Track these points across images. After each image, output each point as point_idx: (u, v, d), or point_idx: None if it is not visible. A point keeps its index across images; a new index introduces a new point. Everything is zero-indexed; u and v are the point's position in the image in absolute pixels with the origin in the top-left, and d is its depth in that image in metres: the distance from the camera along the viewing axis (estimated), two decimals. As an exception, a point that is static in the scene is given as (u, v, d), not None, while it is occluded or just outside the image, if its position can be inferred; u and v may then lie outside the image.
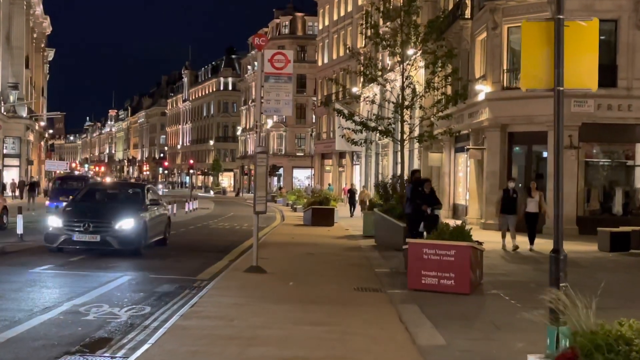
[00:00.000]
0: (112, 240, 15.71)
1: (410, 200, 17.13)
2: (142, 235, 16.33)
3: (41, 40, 77.66)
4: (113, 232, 15.79)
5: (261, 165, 13.34)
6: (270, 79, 13.35)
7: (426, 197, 17.03)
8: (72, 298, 10.42)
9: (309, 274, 13.76)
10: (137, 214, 16.45)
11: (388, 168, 45.92)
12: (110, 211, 16.63)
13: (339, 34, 66.57)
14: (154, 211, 17.90)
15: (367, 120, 22.83)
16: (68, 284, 12.05)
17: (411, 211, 17.09)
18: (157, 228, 18.00)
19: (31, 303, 10.10)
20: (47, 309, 9.63)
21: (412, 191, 17.19)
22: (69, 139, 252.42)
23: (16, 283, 11.94)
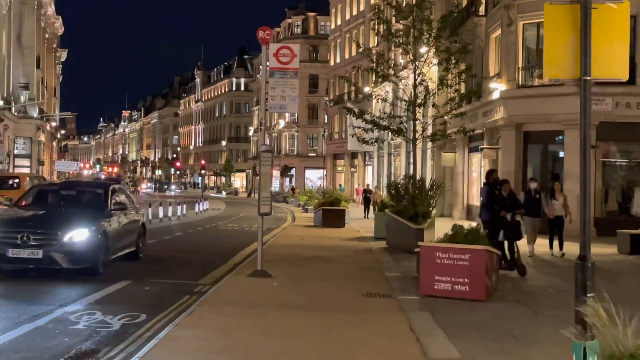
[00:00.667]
0: (59, 256, 12.16)
1: (487, 206, 15.15)
2: (101, 250, 12.80)
3: (53, 41, 77.49)
4: (60, 247, 12.22)
5: (266, 165, 12.73)
6: (276, 74, 12.76)
7: (505, 201, 14.86)
8: (64, 304, 9.86)
9: (315, 278, 13.15)
10: (94, 223, 12.98)
11: (400, 168, 45.27)
12: (59, 219, 13.01)
13: (351, 33, 65.94)
14: (121, 218, 14.49)
15: (378, 119, 22.18)
16: (59, 290, 11.47)
17: (488, 218, 15.03)
18: (125, 238, 14.57)
19: (20, 309, 9.55)
20: (37, 316, 9.07)
21: (489, 195, 15.16)
22: (82, 140, 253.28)
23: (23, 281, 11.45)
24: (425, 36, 21.16)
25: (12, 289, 11.43)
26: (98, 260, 12.67)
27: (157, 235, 23.59)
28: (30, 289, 11.41)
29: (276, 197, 70.49)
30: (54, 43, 78.42)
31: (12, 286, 11.81)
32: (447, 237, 12.20)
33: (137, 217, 15.87)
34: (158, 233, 25.08)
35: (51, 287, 11.74)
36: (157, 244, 20.46)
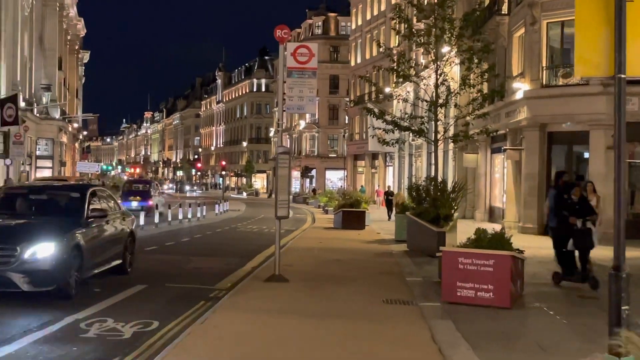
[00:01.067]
0: (17, 277, 10.10)
1: (555, 212, 13.90)
2: (72, 267, 10.66)
3: (75, 42, 77.86)
4: (19, 265, 10.14)
5: (283, 167, 12.42)
6: (294, 74, 12.44)
7: (575, 206, 13.47)
8: (75, 311, 9.59)
9: (334, 283, 12.79)
10: (64, 234, 10.76)
11: (422, 169, 44.80)
12: (19, 231, 10.85)
13: (372, 33, 65.52)
14: (101, 227, 12.26)
15: (399, 119, 21.79)
16: (76, 294, 11.22)
17: (556, 225, 13.81)
18: (107, 251, 12.50)
19: (30, 316, 9.31)
20: (47, 323, 8.82)
21: (557, 199, 13.91)
22: (105, 141, 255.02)
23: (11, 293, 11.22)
24: (447, 35, 20.73)
25: (24, 294, 11.22)
26: (67, 280, 10.45)
27: (176, 238, 23.44)
28: (41, 294, 11.19)
29: (296, 198, 70.40)
30: (76, 45, 78.79)
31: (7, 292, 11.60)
32: (470, 241, 11.81)
33: (123, 225, 13.52)
34: (176, 235, 24.92)
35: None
36: (175, 247, 20.29)
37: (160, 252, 18.49)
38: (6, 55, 45.16)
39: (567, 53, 26.30)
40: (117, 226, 13.14)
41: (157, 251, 18.65)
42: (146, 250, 18.46)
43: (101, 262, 12.25)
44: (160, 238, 23.17)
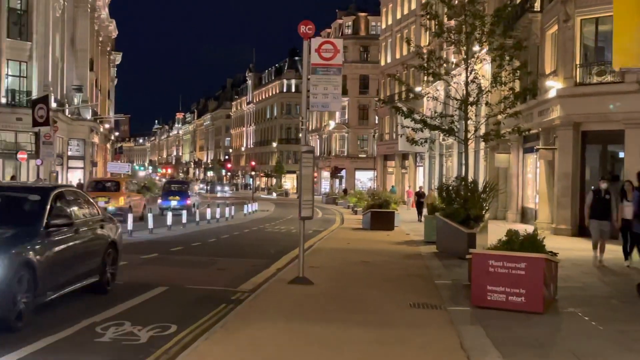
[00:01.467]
0: None
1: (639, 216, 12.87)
2: (18, 291, 8.44)
3: (107, 44, 78.42)
4: None
5: (307, 167, 12.07)
6: (318, 71, 12.10)
7: None
8: (93, 313, 9.36)
9: (360, 286, 12.43)
10: (8, 249, 8.55)
11: (452, 170, 44.22)
12: None
13: (402, 32, 64.93)
14: (67, 238, 9.87)
15: (428, 118, 21.33)
16: (93, 296, 11.02)
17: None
18: (75, 267, 10.10)
19: (45, 318, 9.10)
20: (62, 326, 8.58)
21: None
22: (138, 142, 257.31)
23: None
24: (478, 32, 20.22)
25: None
26: (8, 308, 8.18)
27: (202, 238, 23.26)
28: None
29: (326, 198, 70.10)
30: (107, 46, 79.36)
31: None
32: (501, 243, 11.38)
33: (101, 234, 11.21)
34: (203, 235, 24.76)
35: (81, 293, 11.29)
36: (200, 247, 20.09)
37: (185, 252, 18.31)
38: (38, 56, 45.55)
39: (601, 50, 25.66)
40: (92, 235, 10.79)
41: (182, 252, 18.47)
42: (171, 251, 18.33)
43: (67, 282, 9.89)
44: (187, 238, 23.03)
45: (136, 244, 20.54)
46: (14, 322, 8.33)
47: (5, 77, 43.77)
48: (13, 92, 44.47)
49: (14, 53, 44.45)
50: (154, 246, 19.72)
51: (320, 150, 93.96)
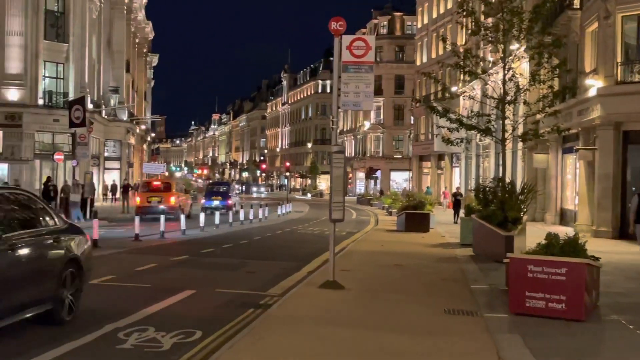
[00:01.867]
0: None
1: None
2: None
3: (143, 45, 78.99)
4: None
5: (338, 167, 11.71)
6: (349, 69, 11.73)
7: None
8: (116, 318, 9.11)
9: (393, 291, 12.02)
10: None
11: (489, 170, 43.50)
12: None
13: (438, 32, 64.12)
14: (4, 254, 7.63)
15: (464, 117, 20.81)
16: (119, 300, 10.81)
17: None
18: (10, 294, 7.70)
19: (68, 323, 8.89)
20: (84, 331, 8.34)
21: None
22: (175, 143, 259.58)
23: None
24: (516, 28, 19.65)
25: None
26: None
27: (234, 240, 23.07)
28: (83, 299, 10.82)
29: (360, 199, 69.62)
30: (144, 47, 79.94)
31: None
32: (540, 247, 10.91)
33: (57, 250, 8.82)
34: (236, 237, 24.58)
35: (107, 297, 11.10)
36: (231, 249, 19.87)
37: (216, 255, 18.11)
38: (75, 58, 45.90)
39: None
40: (42, 252, 8.51)
41: (213, 254, 18.26)
42: (202, 253, 18.14)
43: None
44: (218, 240, 22.86)
45: (168, 245, 20.46)
46: None
47: (43, 79, 44.16)
48: (50, 93, 44.86)
49: (51, 54, 44.83)
50: (185, 247, 19.59)
51: (355, 151, 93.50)
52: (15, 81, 42.42)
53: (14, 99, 42.31)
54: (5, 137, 42.00)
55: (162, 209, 30.09)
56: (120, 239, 21.43)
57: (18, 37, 42.48)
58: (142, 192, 36.22)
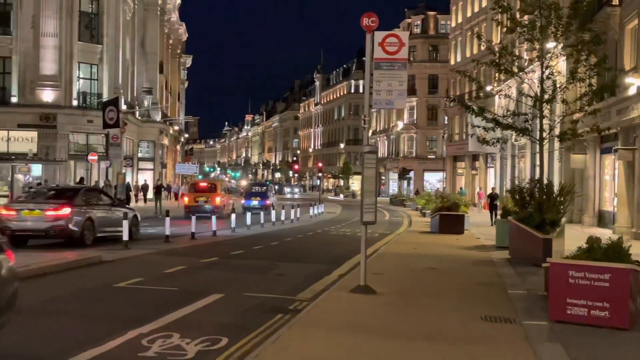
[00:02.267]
0: None
1: None
2: None
3: (177, 47, 79.33)
4: None
5: (369, 168, 11.31)
6: (382, 66, 11.33)
7: None
8: (141, 323, 8.84)
9: (426, 296, 11.61)
10: None
11: (525, 171, 42.71)
12: None
13: (472, 30, 63.41)
14: None
15: (500, 117, 20.25)
16: (145, 304, 10.57)
17: None
18: None
19: (90, 328, 8.65)
20: (106, 337, 8.07)
21: None
22: (208, 144, 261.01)
23: (85, 300, 10.71)
24: (554, 25, 19.05)
25: (83, 301, 10.67)
26: None
27: (265, 241, 22.78)
28: (109, 303, 10.61)
29: (393, 200, 69.04)
30: (177, 49, 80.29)
31: (89, 298, 11.05)
32: (581, 251, 10.43)
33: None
34: (267, 238, 24.30)
35: (133, 301, 10.87)
36: (262, 251, 19.59)
37: (245, 256, 17.80)
38: (108, 59, 46.13)
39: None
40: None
41: (243, 256, 17.97)
42: (232, 255, 17.88)
43: None
44: (249, 241, 22.60)
45: (198, 246, 20.24)
46: None
47: (77, 80, 44.45)
48: (84, 94, 45.14)
49: (85, 56, 45.12)
50: (215, 249, 19.34)
51: (388, 151, 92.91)
52: (50, 82, 42.77)
53: (49, 100, 42.66)
54: (40, 137, 42.34)
55: (208, 208, 32.79)
56: (151, 240, 21.26)
57: (53, 39, 42.83)
58: (190, 192, 38.56)
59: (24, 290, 11.21)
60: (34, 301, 10.11)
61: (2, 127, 41.15)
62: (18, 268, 12.43)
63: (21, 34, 42.48)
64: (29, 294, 10.89)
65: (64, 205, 17.90)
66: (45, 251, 16.49)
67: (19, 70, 42.43)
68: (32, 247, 17.36)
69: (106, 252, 16.78)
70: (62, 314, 9.66)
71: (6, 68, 42.75)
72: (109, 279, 12.65)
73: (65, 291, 11.49)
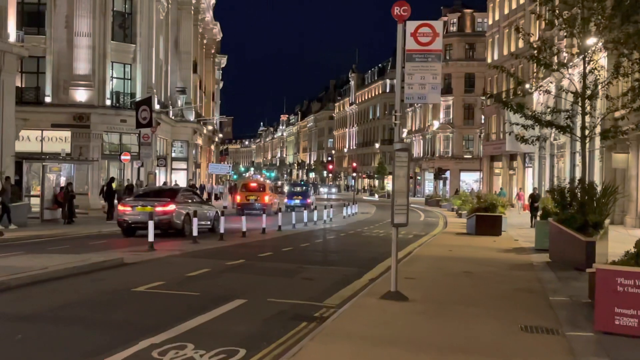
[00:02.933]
0: None
1: None
2: None
3: (211, 46, 79.18)
4: None
5: (401, 166, 10.61)
6: (414, 58, 10.62)
7: None
8: (155, 332, 8.28)
9: (461, 303, 10.86)
10: None
11: (564, 171, 41.50)
12: None
13: (510, 28, 62.19)
14: None
15: (541, 113, 19.33)
16: (162, 310, 10.03)
17: None
18: None
19: (99, 338, 8.12)
20: (117, 348, 7.52)
21: None
22: (244, 144, 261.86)
23: (100, 305, 10.23)
24: (597, 17, 18.09)
25: (98, 307, 10.18)
26: None
27: (295, 242, 22.19)
28: (125, 309, 10.08)
29: (429, 200, 68.04)
30: (212, 48, 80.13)
31: (105, 303, 10.57)
32: (629, 256, 9.65)
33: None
34: (297, 239, 23.72)
35: (150, 307, 10.34)
36: (291, 253, 18.96)
37: (274, 259, 17.19)
38: (142, 59, 46.01)
39: None
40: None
41: (271, 258, 17.36)
42: (259, 257, 17.30)
43: None
44: (279, 242, 22.04)
45: (224, 248, 19.69)
46: None
47: (110, 79, 44.40)
48: (117, 94, 45.08)
49: (119, 55, 45.06)
50: (243, 251, 18.79)
51: (423, 151, 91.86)
52: (84, 82, 42.77)
53: (82, 99, 42.66)
54: (73, 137, 42.36)
55: (258, 206, 35.98)
56: (177, 242, 20.78)
57: (86, 38, 42.81)
58: (241, 191, 41.63)
59: (38, 294, 10.90)
60: (46, 307, 9.66)
61: (36, 127, 41.16)
62: (36, 271, 12.13)
63: (55, 34, 42.55)
64: (42, 299, 10.50)
65: (169, 203, 22.09)
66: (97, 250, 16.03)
67: (52, 70, 42.50)
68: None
69: (129, 253, 16.31)
70: (74, 321, 9.15)
71: (40, 68, 42.83)
72: (128, 282, 12.13)
73: (80, 296, 10.99)
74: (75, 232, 24.43)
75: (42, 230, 24.09)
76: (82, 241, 20.79)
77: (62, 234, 23.48)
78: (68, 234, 23.48)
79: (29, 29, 41.56)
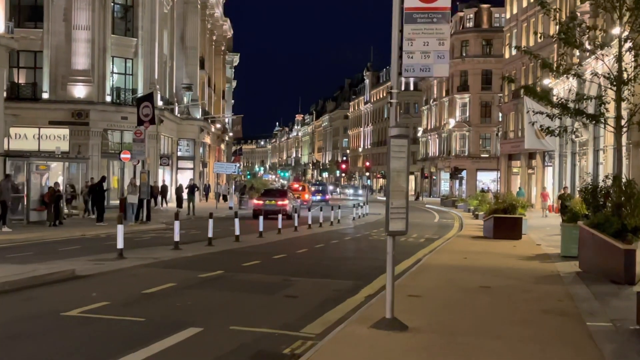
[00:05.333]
0: None
1: None
2: None
3: (221, 43, 77.16)
4: None
5: (398, 157, 8.30)
6: (415, 19, 8.31)
7: None
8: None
9: (476, 333, 8.47)
10: None
11: (587, 169, 38.98)
12: None
13: (528, 22, 59.66)
14: None
15: (568, 101, 16.94)
16: (85, 344, 7.81)
17: None
18: None
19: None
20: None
21: None
22: (259, 144, 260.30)
23: (12, 336, 8.04)
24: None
25: (17, 336, 8.00)
26: None
27: (291, 248, 19.84)
28: (32, 342, 7.90)
29: (444, 201, 65.59)
30: (222, 45, 78.08)
31: (18, 333, 8.39)
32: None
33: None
34: (294, 244, 21.43)
35: (67, 337, 8.14)
36: (281, 262, 16.59)
37: (259, 270, 14.72)
38: (144, 53, 44.03)
39: None
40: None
41: (256, 268, 14.92)
42: (242, 267, 14.94)
43: None
44: (273, 248, 19.73)
45: (208, 255, 17.39)
46: None
47: (110, 75, 42.53)
48: (118, 90, 43.23)
49: (119, 50, 43.21)
50: (227, 258, 16.50)
51: (439, 150, 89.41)
52: (82, 77, 40.90)
53: (81, 95, 40.82)
54: (71, 135, 40.47)
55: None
56: (155, 248, 18.54)
57: (85, 32, 40.92)
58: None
59: None
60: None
61: (33, 124, 39.40)
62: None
63: (52, 27, 40.66)
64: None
65: (285, 198, 36.55)
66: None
67: (50, 64, 40.63)
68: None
69: (92, 263, 14.11)
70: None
71: (37, 63, 40.98)
72: (63, 303, 9.79)
73: (-2, 320, 8.79)
74: (55, 235, 22.37)
75: (19, 234, 22.02)
76: (53, 246, 18.65)
77: (38, 237, 21.39)
78: (45, 238, 21.40)
79: (25, 23, 39.83)
